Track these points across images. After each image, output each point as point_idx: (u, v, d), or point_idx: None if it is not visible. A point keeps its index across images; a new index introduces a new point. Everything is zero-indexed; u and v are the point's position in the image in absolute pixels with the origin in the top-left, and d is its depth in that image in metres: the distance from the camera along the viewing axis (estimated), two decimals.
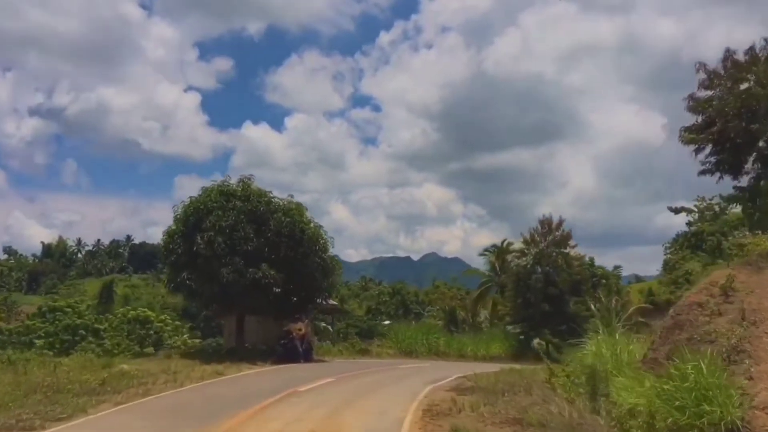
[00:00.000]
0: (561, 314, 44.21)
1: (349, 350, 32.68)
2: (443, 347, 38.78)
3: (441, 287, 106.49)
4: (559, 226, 45.65)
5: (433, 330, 39.79)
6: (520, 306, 45.41)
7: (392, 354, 34.90)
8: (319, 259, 27.34)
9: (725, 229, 73.42)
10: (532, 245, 45.74)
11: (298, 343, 25.54)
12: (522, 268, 46.06)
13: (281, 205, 27.24)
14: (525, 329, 44.87)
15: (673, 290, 72.99)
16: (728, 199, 69.42)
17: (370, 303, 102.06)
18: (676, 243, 78.02)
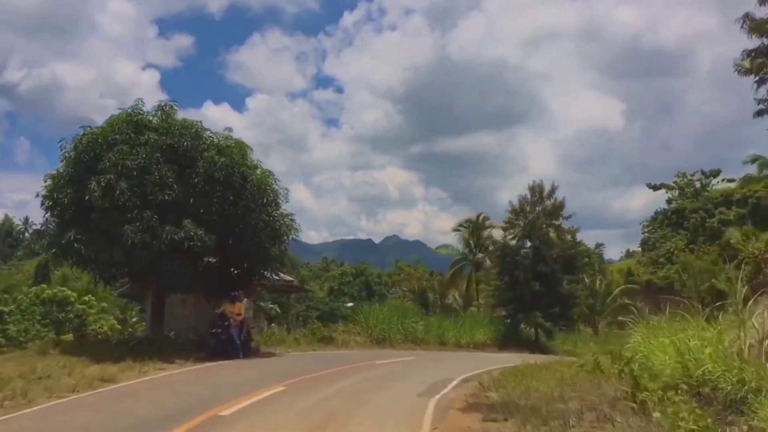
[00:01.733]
0: (553, 294, 37.04)
1: (309, 339, 24.87)
2: (421, 333, 31.26)
3: (405, 268, 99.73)
4: (552, 193, 38.34)
5: (410, 313, 32.18)
6: (506, 286, 38.04)
7: (361, 342, 27.21)
8: (267, 217, 19.33)
9: (708, 206, 67.98)
10: (521, 216, 38.38)
11: (235, 331, 17.65)
12: (508, 242, 38.74)
13: (215, 142, 19.12)
14: (512, 312, 37.57)
15: (654, 270, 67.23)
16: (710, 174, 62.59)
17: (332, 284, 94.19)
18: (655, 221, 72.18)
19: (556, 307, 36.88)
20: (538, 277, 36.69)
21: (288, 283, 28.65)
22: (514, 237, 38.38)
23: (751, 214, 59.65)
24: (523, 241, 38.15)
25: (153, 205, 17.19)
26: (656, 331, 15.75)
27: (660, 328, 15.86)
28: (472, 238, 55.53)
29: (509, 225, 38.37)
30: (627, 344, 18.89)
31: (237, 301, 17.60)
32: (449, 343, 32.51)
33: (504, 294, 37.89)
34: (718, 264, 58.52)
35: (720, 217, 61.13)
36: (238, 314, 17.38)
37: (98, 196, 16.91)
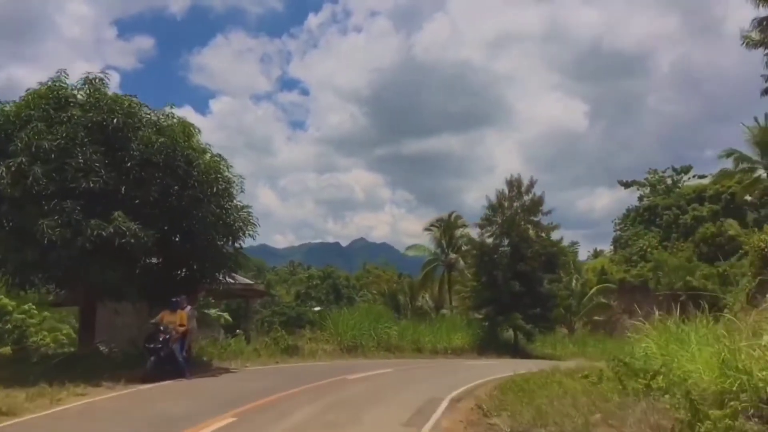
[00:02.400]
0: (533, 294, 34.53)
1: (271, 349, 21.74)
2: (396, 340, 28.36)
3: (373, 271, 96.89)
4: (530, 188, 35.86)
5: (382, 317, 29.23)
6: (484, 286, 35.41)
7: (330, 351, 24.20)
8: (218, 209, 16.22)
9: (681, 203, 66.51)
10: (499, 212, 35.80)
11: (176, 346, 14.45)
12: (485, 240, 36.13)
13: (153, 120, 15.94)
14: (491, 314, 34.91)
15: (628, 268, 65.45)
16: (681, 171, 60.88)
17: (299, 288, 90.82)
18: (627, 219, 70.47)
19: (537, 307, 34.37)
20: (517, 277, 34.16)
21: (247, 286, 25.43)
22: (491, 235, 35.83)
23: (724, 210, 58.16)
24: (501, 238, 35.59)
25: (75, 195, 13.94)
26: (678, 335, 13.26)
27: (680, 332, 13.43)
28: (444, 237, 52.91)
29: (486, 222, 35.76)
30: (629, 348, 16.54)
31: (178, 308, 14.37)
32: (425, 350, 29.70)
33: (481, 295, 35.25)
34: (692, 261, 56.89)
35: (693, 214, 59.52)
36: (180, 325, 14.18)
37: (7, 183, 13.64)
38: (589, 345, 42.84)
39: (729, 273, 54.03)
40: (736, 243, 55.61)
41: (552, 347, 39.06)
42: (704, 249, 56.65)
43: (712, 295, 54.94)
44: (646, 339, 15.27)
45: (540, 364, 28.81)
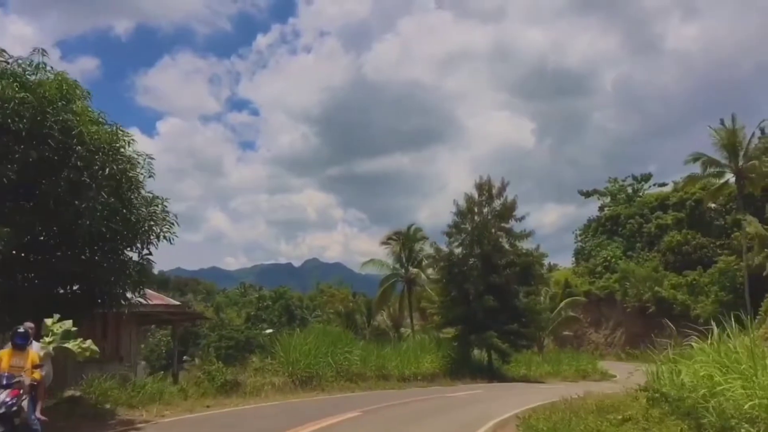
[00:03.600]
0: (509, 309, 30.28)
1: (204, 387, 16.73)
2: (358, 367, 23.58)
3: (327, 290, 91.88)
4: (502, 191, 31.73)
5: (340, 339, 24.39)
6: (454, 301, 31.02)
7: (280, 386, 19.28)
8: (115, 200, 11.35)
9: (644, 211, 63.91)
10: (469, 219, 31.55)
11: (28, 402, 9.15)
12: (453, 251, 31.79)
13: (12, 71, 10.94)
14: (463, 332, 30.51)
15: (592, 280, 62.30)
16: (641, 179, 57.92)
17: (249, 310, 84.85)
18: (589, 229, 67.53)
19: (514, 323, 30.12)
20: (490, 290, 29.89)
21: (171, 308, 20.22)
22: (460, 244, 31.51)
23: (689, 218, 55.45)
24: (471, 248, 31.31)
25: None
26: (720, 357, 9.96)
27: None
28: (404, 251, 48.47)
29: (454, 230, 31.44)
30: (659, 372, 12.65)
31: (27, 345, 9.06)
32: (392, 377, 25.00)
33: (452, 311, 30.82)
34: (659, 271, 53.89)
35: (657, 222, 56.70)
36: (35, 367, 8.86)
37: None
38: (563, 363, 38.88)
39: (698, 282, 51.33)
40: (703, 251, 52.89)
41: (526, 367, 34.85)
42: (671, 258, 53.74)
43: (683, 305, 52.13)
44: (680, 361, 12.04)
45: (528, 390, 24.59)
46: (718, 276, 48.22)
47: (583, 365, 39.71)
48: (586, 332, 56.75)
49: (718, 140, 45.99)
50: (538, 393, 22.31)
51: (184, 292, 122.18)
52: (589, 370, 39.46)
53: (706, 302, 47.80)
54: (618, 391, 23.95)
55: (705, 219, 55.13)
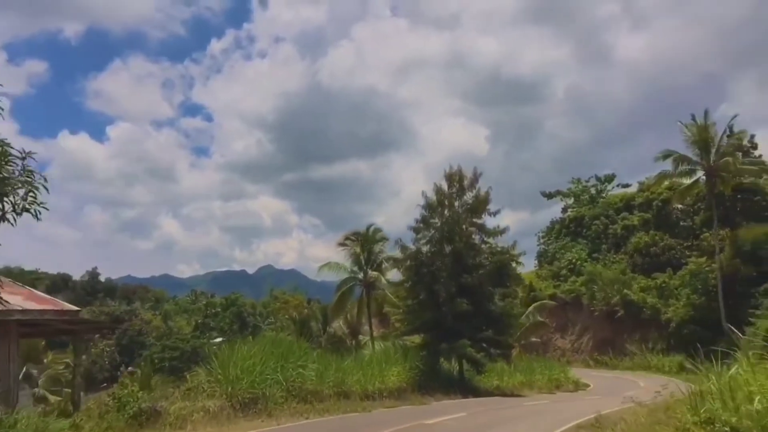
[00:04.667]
0: (483, 314, 26.64)
1: (110, 420, 12.43)
2: (314, 383, 19.51)
3: (281, 296, 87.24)
4: (474, 183, 28.10)
5: (294, 352, 20.22)
6: (423, 305, 27.20)
7: (215, 412, 15.14)
8: None
9: (609, 212, 61.43)
10: (438, 212, 27.83)
11: None
12: (421, 249, 27.95)
13: None
14: (433, 340, 26.71)
15: (557, 284, 59.39)
16: (605, 180, 55.34)
17: (197, 317, 79.53)
18: (552, 231, 64.76)
19: (489, 329, 26.48)
20: (462, 292, 26.21)
21: (71, 316, 15.68)
22: (428, 241, 27.74)
23: (656, 219, 53.05)
24: (441, 245, 27.57)
25: None
26: None
27: None
28: (363, 253, 44.55)
29: (422, 225, 27.64)
30: None
31: None
32: (354, 394, 20.95)
33: (419, 316, 26.98)
34: (627, 273, 51.26)
35: (623, 223, 54.13)
36: None
37: None
38: (536, 372, 35.45)
39: (668, 285, 48.84)
40: (671, 253, 50.49)
41: (498, 378, 31.20)
42: (639, 260, 51.12)
43: (653, 309, 49.52)
44: None
45: (517, 409, 20.99)
46: (689, 278, 45.72)
47: (555, 374, 36.43)
48: (552, 338, 53.70)
49: (690, 137, 43.59)
50: (535, 414, 18.66)
51: (132, 300, 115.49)
52: (561, 379, 36.25)
53: (678, 305, 45.21)
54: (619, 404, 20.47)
55: (672, 220, 52.84)
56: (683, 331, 43.85)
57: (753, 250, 43.38)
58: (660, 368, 43.94)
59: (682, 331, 43.97)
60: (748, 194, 47.20)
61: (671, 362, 43.51)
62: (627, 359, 47.61)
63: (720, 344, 37.09)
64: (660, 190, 52.68)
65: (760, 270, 42.73)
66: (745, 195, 47.18)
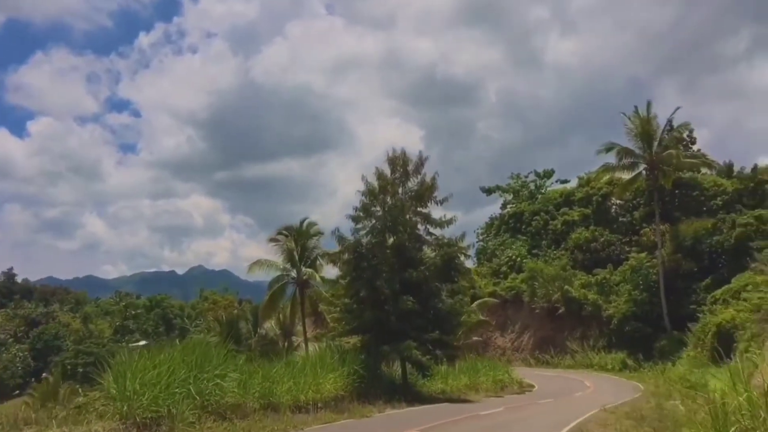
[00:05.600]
0: (430, 312, 23.90)
1: None
2: (236, 395, 16.22)
3: (211, 297, 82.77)
4: (420, 168, 25.33)
5: (209, 357, 16.78)
6: (363, 303, 24.20)
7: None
8: None
9: (549, 208, 60.08)
10: (380, 200, 24.90)
11: None
12: (360, 240, 24.92)
13: None
14: (373, 342, 23.75)
15: (497, 281, 57.52)
16: (544, 175, 53.93)
17: (118, 320, 74.15)
18: (491, 228, 62.98)
19: (435, 330, 23.73)
20: (407, 289, 23.38)
21: None
22: (368, 231, 24.76)
23: (596, 214, 51.89)
24: (383, 236, 24.65)
25: None
26: None
27: None
28: (296, 249, 41.26)
29: (363, 214, 24.63)
30: None
31: None
32: (283, 405, 17.76)
33: (359, 316, 23.94)
34: (567, 269, 49.81)
35: (563, 219, 52.74)
36: None
37: None
38: (481, 373, 33.04)
39: (609, 281, 47.63)
40: (611, 248, 49.35)
41: (443, 381, 28.52)
42: (579, 256, 49.74)
43: (594, 305, 48.17)
44: None
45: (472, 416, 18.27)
46: (629, 274, 44.52)
47: (500, 375, 34.13)
48: (492, 336, 51.69)
49: (632, 129, 42.41)
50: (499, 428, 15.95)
51: (50, 302, 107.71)
52: (506, 380, 33.99)
53: (619, 302, 43.93)
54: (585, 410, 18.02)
55: (610, 215, 51.81)
56: (625, 327, 42.58)
57: (693, 245, 42.59)
58: (602, 366, 42.51)
59: (623, 327, 42.68)
60: (687, 189, 46.54)
61: (614, 360, 42.16)
62: (568, 357, 45.98)
63: (662, 341, 35.57)
64: (600, 185, 51.60)
65: (700, 265, 41.98)
66: (684, 190, 46.50)
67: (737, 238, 39.31)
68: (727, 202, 44.06)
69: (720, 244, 40.69)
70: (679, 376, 31.03)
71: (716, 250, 41.31)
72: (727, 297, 35.32)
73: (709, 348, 29.92)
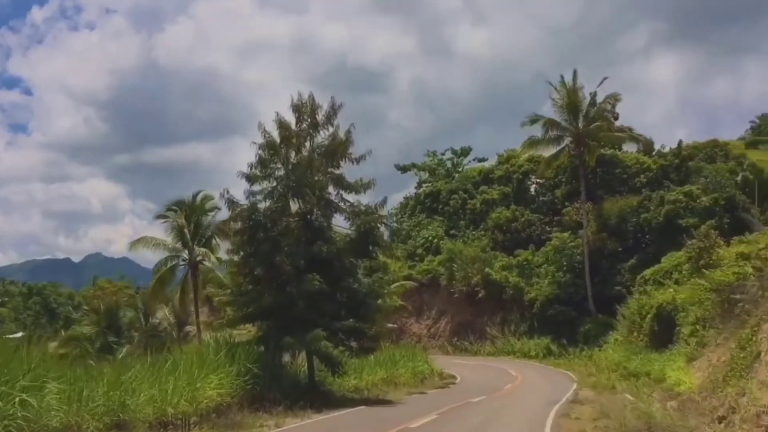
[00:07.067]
0: (344, 294, 19.14)
1: None
2: (63, 415, 10.95)
3: (104, 285, 74.53)
4: (331, 118, 20.40)
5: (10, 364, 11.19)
6: (259, 284, 19.07)
7: None
8: None
9: (467, 186, 56.66)
10: (282, 155, 19.79)
11: None
12: (256, 205, 19.70)
13: None
14: (273, 332, 18.70)
15: (413, 264, 53.54)
16: (461, 154, 50.14)
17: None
18: (406, 208, 58.84)
19: (350, 316, 18.96)
20: (314, 266, 18.50)
21: None
22: (268, 195, 19.58)
23: (515, 193, 48.79)
24: (285, 200, 19.57)
25: None
26: None
27: None
28: (188, 226, 35.49)
29: (260, 171, 19.42)
30: None
31: None
32: (140, 423, 12.53)
33: (255, 300, 18.79)
34: (487, 251, 46.46)
35: (483, 197, 49.31)
36: None
37: None
38: (399, 365, 28.72)
39: (530, 262, 44.68)
40: (532, 228, 46.38)
41: (357, 376, 23.83)
42: (500, 236, 46.43)
43: (515, 288, 44.99)
44: None
45: (403, 429, 13.63)
46: (552, 254, 41.57)
47: (419, 366, 30.01)
48: (406, 323, 47.67)
49: (558, 99, 39.27)
50: None
51: None
52: (426, 372, 29.95)
53: (542, 284, 40.89)
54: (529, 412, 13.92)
55: (529, 195, 48.92)
56: (548, 311, 39.59)
57: (618, 223, 40.12)
58: (525, 353, 39.35)
59: (546, 311, 39.68)
60: (609, 166, 44.14)
61: (537, 345, 39.06)
62: (488, 344, 42.65)
63: (587, 324, 32.00)
64: (520, 162, 48.56)
65: (625, 245, 39.55)
66: (606, 167, 44.07)
67: (666, 215, 36.97)
68: (651, 180, 41.89)
69: (647, 221, 38.29)
70: (613, 362, 28.04)
71: (642, 229, 38.95)
72: (657, 277, 32.67)
73: (648, 332, 26.91)
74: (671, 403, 16.96)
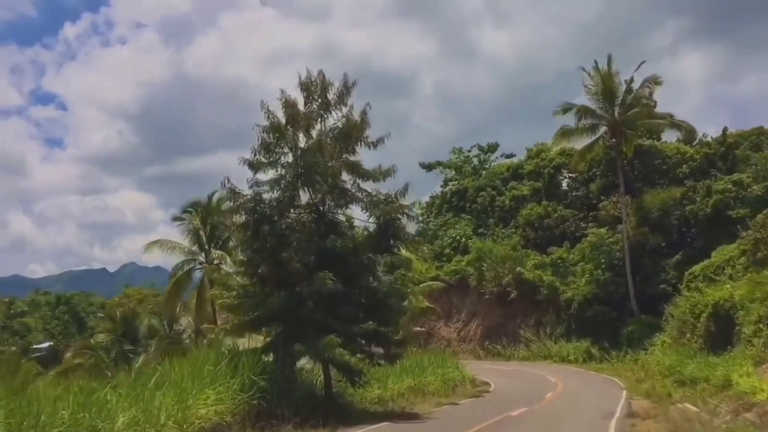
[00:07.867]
0: (361, 295, 16.66)
1: None
2: None
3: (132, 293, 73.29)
4: (344, 97, 17.94)
5: None
6: (265, 284, 16.69)
7: None
8: None
9: (495, 183, 53.83)
10: (289, 138, 17.43)
11: None
12: (261, 195, 17.33)
13: None
14: (282, 339, 16.29)
15: (440, 264, 50.93)
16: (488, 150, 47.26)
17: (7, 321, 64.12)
18: (432, 207, 56.23)
19: (369, 319, 16.46)
20: (328, 263, 16.05)
21: None
22: (274, 184, 17.22)
23: (546, 188, 45.84)
24: (293, 190, 17.19)
25: None
26: None
27: None
28: (204, 228, 33.68)
29: (265, 158, 17.08)
30: None
31: None
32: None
33: (261, 302, 16.41)
34: (518, 249, 43.59)
35: (512, 194, 46.42)
36: None
37: None
38: (427, 371, 26.07)
39: (565, 261, 41.71)
40: (566, 225, 43.37)
41: (380, 384, 21.27)
42: (531, 234, 43.49)
43: (550, 288, 41.94)
44: None
45: None
46: (589, 251, 38.50)
47: (450, 372, 27.30)
48: (435, 326, 45.00)
49: (592, 86, 36.34)
50: None
51: None
52: (457, 378, 27.23)
53: (579, 283, 37.82)
54: None
55: (561, 190, 45.88)
56: (587, 312, 36.45)
57: (661, 217, 36.90)
58: (563, 357, 36.26)
59: (585, 312, 36.55)
60: (648, 157, 40.88)
61: (576, 349, 35.93)
62: (522, 347, 39.66)
63: (630, 326, 28.49)
64: (551, 156, 45.59)
65: (669, 239, 36.35)
66: (645, 158, 40.83)
67: (714, 206, 33.71)
68: (694, 170, 38.50)
69: (693, 214, 35.02)
70: (664, 367, 25.07)
71: (687, 222, 35.71)
72: (708, 273, 29.61)
73: (703, 333, 23.93)
74: (746, 414, 14.31)
